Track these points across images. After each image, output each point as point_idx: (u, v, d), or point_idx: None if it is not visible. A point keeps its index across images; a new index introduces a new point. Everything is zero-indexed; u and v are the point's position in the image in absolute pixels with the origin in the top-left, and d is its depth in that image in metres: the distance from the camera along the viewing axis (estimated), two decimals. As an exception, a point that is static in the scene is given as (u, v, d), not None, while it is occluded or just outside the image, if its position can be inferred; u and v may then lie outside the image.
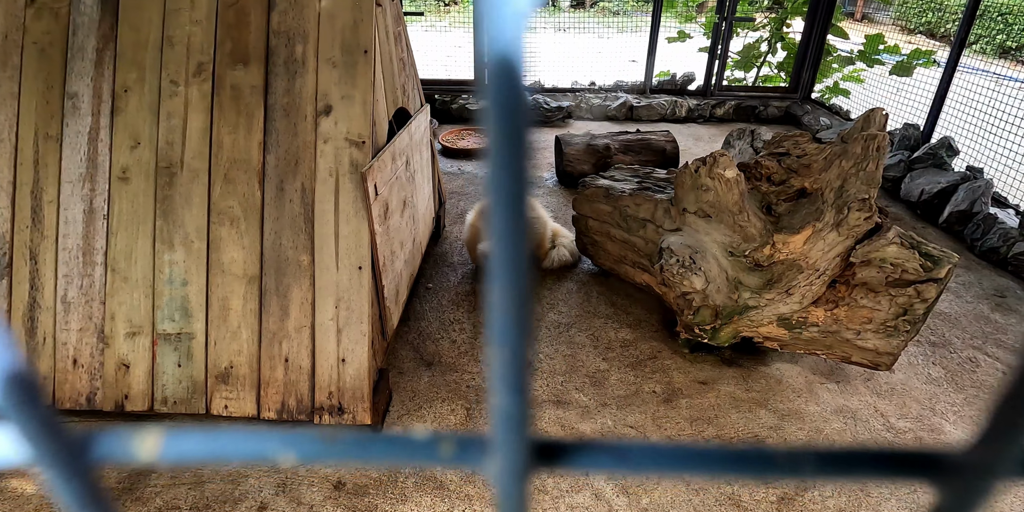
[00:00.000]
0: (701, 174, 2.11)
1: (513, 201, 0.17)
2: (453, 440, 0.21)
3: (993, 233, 3.12)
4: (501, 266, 0.18)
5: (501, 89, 0.16)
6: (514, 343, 0.19)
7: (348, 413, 1.84)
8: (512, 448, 0.20)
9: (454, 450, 0.21)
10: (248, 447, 0.21)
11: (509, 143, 0.16)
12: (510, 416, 0.20)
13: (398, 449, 0.21)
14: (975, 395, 2.18)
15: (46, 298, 1.88)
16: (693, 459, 0.20)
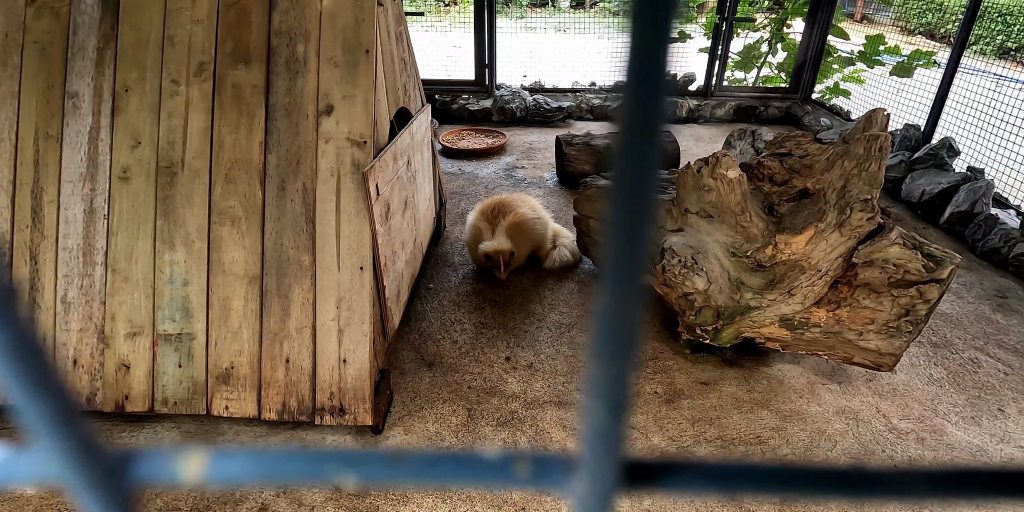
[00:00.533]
0: (703, 174, 2.11)
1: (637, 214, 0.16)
2: (529, 460, 0.19)
3: (994, 234, 3.12)
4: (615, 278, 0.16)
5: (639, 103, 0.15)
6: (619, 358, 0.17)
7: (349, 414, 1.84)
8: (603, 468, 0.18)
9: (531, 470, 0.19)
10: (303, 467, 0.19)
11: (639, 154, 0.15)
12: (605, 435, 0.18)
13: (469, 469, 0.19)
14: (977, 396, 2.17)
15: (46, 298, 1.88)
16: (791, 479, 0.19)
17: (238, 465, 0.19)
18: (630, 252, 0.17)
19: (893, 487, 0.18)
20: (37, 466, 0.18)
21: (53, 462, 0.18)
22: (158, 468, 0.19)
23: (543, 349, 2.39)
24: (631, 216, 0.17)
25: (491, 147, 4.65)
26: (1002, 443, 1.96)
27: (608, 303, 0.17)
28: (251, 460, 0.19)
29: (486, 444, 1.92)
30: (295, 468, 0.19)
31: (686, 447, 1.92)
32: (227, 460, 0.19)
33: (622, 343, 0.17)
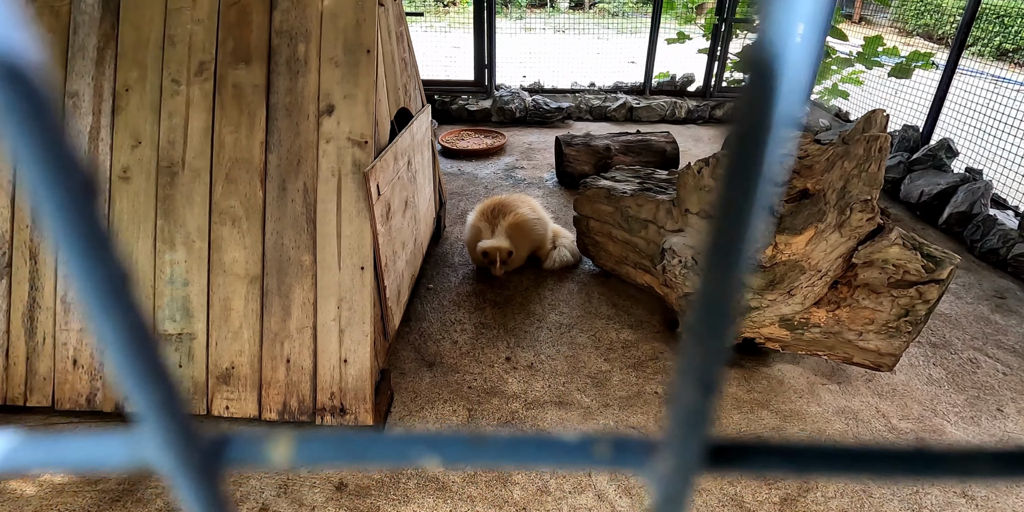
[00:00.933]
0: (704, 175, 2.11)
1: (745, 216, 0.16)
2: (609, 441, 0.19)
3: (993, 234, 3.13)
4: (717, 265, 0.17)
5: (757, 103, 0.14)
6: (713, 339, 0.17)
7: (350, 414, 1.83)
8: (689, 448, 0.19)
9: (610, 451, 0.19)
10: (386, 450, 0.19)
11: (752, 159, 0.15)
12: (694, 414, 0.18)
13: (549, 451, 0.19)
14: (976, 396, 2.18)
15: (46, 298, 1.87)
16: (861, 460, 0.19)
17: (323, 449, 0.19)
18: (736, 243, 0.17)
19: (959, 466, 0.18)
20: (135, 449, 0.19)
21: (152, 445, 0.19)
22: (249, 452, 0.20)
23: (543, 349, 2.39)
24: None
25: (490, 147, 4.66)
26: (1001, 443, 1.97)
27: (707, 285, 0.17)
28: (335, 444, 0.19)
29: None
30: (378, 452, 0.19)
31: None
32: (312, 445, 0.20)
33: (717, 325, 0.17)
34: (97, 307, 0.17)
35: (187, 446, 0.19)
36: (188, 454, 0.19)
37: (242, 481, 1.77)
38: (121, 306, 0.17)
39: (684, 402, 0.18)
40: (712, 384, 0.18)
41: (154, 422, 0.19)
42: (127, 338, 0.17)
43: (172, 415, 0.19)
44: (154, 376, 0.18)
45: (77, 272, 0.16)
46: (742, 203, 0.16)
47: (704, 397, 0.18)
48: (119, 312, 0.17)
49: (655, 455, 0.19)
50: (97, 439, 0.19)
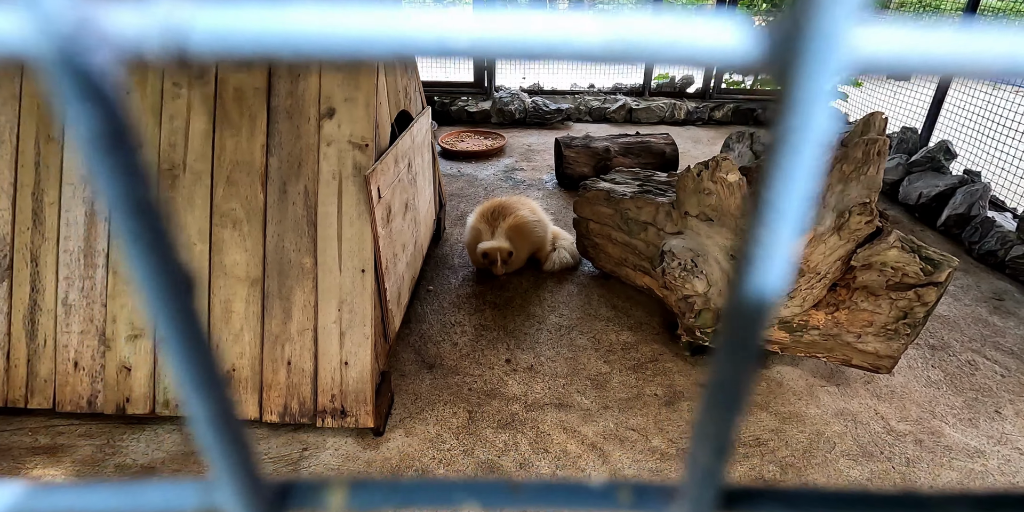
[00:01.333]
0: (703, 178, 2.12)
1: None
2: (630, 487, 0.21)
3: (991, 236, 3.14)
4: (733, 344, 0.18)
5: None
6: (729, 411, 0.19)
7: (351, 416, 1.84)
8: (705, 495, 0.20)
9: (632, 497, 0.21)
10: (433, 495, 0.21)
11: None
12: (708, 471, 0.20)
13: (577, 496, 0.21)
14: (974, 398, 2.19)
15: (47, 300, 1.88)
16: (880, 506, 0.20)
17: (375, 495, 0.21)
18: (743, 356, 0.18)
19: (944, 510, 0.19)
20: (207, 495, 0.20)
21: (225, 492, 0.20)
22: (309, 498, 0.21)
23: (543, 351, 2.40)
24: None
25: (490, 149, 4.66)
26: (999, 445, 1.98)
27: (724, 363, 0.18)
28: (386, 490, 0.20)
29: (487, 446, 1.92)
30: (426, 496, 0.20)
31: (686, 449, 1.92)
32: (365, 490, 0.21)
33: (733, 399, 0.18)
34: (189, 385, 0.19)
35: (256, 494, 0.21)
36: (257, 501, 0.21)
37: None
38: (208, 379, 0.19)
39: (700, 461, 0.20)
40: (725, 448, 0.19)
41: (227, 472, 0.20)
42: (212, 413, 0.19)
43: (244, 466, 0.20)
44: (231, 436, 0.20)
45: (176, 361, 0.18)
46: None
47: (719, 458, 0.20)
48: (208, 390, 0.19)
49: (674, 500, 0.21)
50: (171, 486, 0.20)
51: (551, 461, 1.87)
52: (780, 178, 0.15)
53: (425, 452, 1.89)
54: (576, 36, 0.14)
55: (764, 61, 0.14)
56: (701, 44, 0.14)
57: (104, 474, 1.77)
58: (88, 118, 0.15)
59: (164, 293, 0.17)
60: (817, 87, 0.14)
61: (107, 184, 0.16)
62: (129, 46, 0.14)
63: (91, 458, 1.82)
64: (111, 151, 0.15)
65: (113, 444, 1.88)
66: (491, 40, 0.14)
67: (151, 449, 1.86)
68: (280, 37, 0.15)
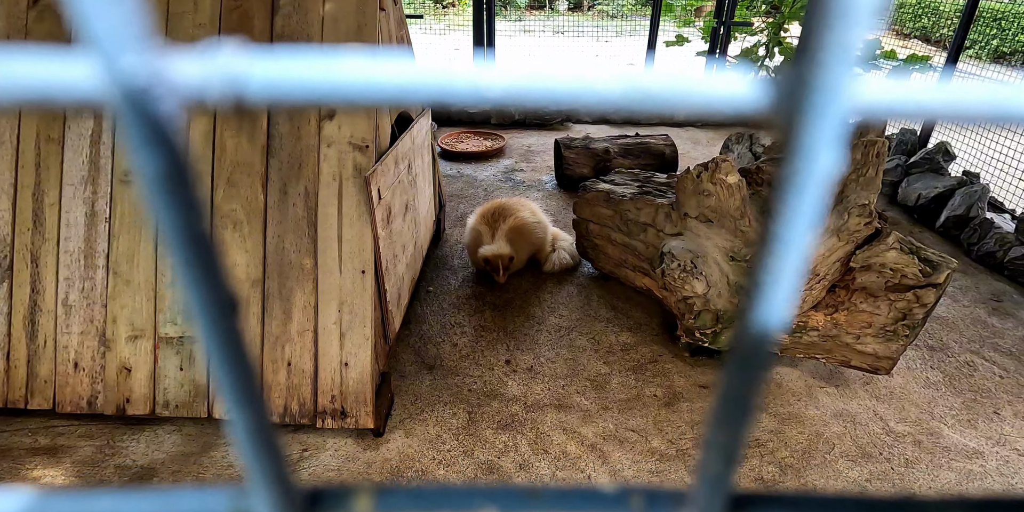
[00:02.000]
0: (703, 179, 2.12)
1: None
2: (642, 493, 0.21)
3: (989, 238, 3.15)
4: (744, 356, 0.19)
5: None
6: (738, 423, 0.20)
7: (351, 417, 1.84)
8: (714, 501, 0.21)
9: (643, 503, 0.22)
10: (456, 501, 0.22)
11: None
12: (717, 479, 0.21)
13: (591, 502, 0.22)
14: (973, 399, 2.19)
15: (47, 301, 1.88)
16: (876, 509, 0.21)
17: (400, 501, 0.21)
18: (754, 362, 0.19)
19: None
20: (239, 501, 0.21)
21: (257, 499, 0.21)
22: (338, 505, 0.23)
23: (543, 352, 2.40)
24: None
25: (490, 150, 4.67)
26: (998, 446, 1.98)
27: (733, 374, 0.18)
28: (411, 497, 0.21)
29: (487, 447, 1.92)
30: (448, 502, 0.21)
31: (685, 450, 1.93)
32: (391, 497, 0.22)
33: (742, 411, 0.19)
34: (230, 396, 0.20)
35: (288, 499, 0.22)
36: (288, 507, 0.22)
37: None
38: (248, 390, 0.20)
39: (710, 469, 0.21)
40: (734, 455, 0.20)
41: (261, 478, 0.21)
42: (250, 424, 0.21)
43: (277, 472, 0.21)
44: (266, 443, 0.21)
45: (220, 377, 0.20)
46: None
47: (727, 467, 0.21)
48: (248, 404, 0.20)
49: (683, 506, 0.22)
50: (204, 492, 0.21)
51: (551, 462, 1.87)
52: (786, 214, 0.17)
53: (425, 453, 1.89)
54: (599, 87, 0.16)
55: (771, 111, 0.16)
56: (713, 95, 0.16)
57: (104, 475, 1.77)
58: (154, 160, 0.16)
59: (211, 314, 0.19)
60: (819, 134, 0.15)
61: (167, 219, 0.17)
62: (192, 94, 0.16)
63: (91, 459, 1.82)
64: (173, 190, 0.17)
65: (113, 445, 1.88)
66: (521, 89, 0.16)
67: (151, 450, 1.86)
68: (330, 85, 0.16)
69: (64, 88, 0.16)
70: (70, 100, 0.16)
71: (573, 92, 0.16)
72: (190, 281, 0.18)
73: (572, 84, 0.16)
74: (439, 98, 0.16)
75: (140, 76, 0.15)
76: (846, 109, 0.15)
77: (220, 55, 0.16)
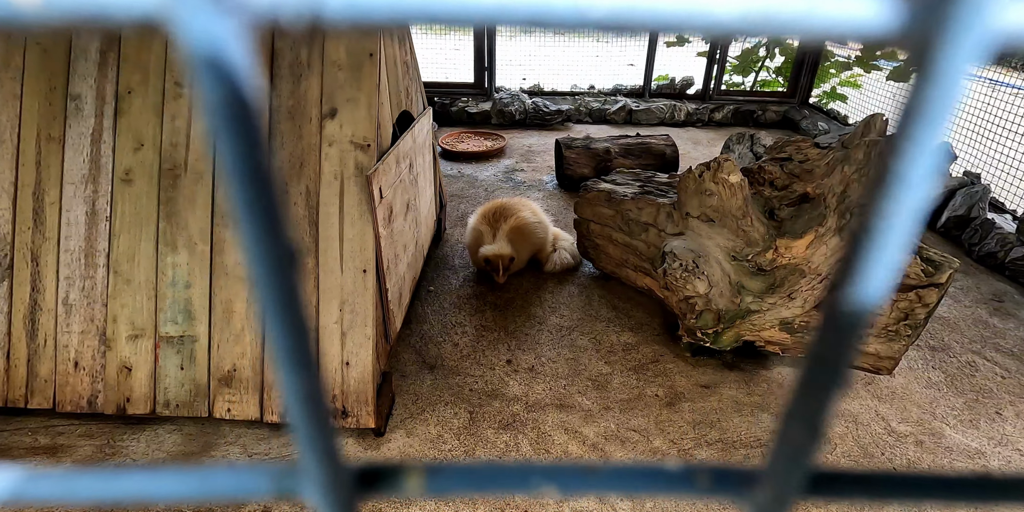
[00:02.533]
0: (705, 179, 2.12)
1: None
2: (709, 472, 0.20)
3: (991, 238, 3.14)
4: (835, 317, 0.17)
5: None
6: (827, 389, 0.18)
7: (352, 416, 1.84)
8: (791, 479, 0.20)
9: (711, 481, 0.21)
10: (510, 480, 0.21)
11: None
12: (799, 451, 0.19)
13: (655, 480, 0.21)
14: (975, 399, 2.19)
15: (47, 300, 1.87)
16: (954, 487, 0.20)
17: (451, 479, 0.21)
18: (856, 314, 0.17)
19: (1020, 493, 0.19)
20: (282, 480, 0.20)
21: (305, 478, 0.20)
22: (388, 483, 0.21)
23: (544, 352, 2.39)
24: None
25: (490, 150, 4.66)
26: (1000, 446, 1.98)
27: (825, 340, 0.17)
28: (462, 474, 0.20)
29: (488, 447, 1.92)
30: (501, 481, 0.20)
31: (687, 450, 1.92)
32: (442, 475, 0.21)
33: (832, 376, 0.18)
34: (283, 361, 0.19)
35: (337, 479, 0.21)
36: (337, 487, 0.21)
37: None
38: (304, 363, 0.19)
39: (791, 440, 0.19)
40: (820, 427, 0.19)
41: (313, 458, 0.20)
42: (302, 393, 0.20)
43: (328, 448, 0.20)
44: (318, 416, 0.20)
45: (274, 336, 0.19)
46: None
47: (812, 437, 0.19)
48: (301, 370, 0.19)
49: (755, 485, 0.20)
50: (244, 470, 0.20)
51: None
52: (909, 149, 0.15)
53: (426, 453, 1.88)
54: (715, 6, 0.14)
55: (903, 33, 0.14)
56: (839, 15, 0.14)
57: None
58: (219, 85, 0.15)
59: (270, 265, 0.17)
60: (959, 60, 0.14)
61: (229, 152, 0.16)
62: (263, 10, 0.14)
63: (91, 458, 1.82)
64: (237, 120, 0.15)
65: (113, 444, 1.87)
66: (628, 9, 0.14)
67: (151, 449, 1.86)
68: (417, 2, 0.14)
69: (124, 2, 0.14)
70: (126, 17, 0.14)
71: (685, 13, 0.14)
72: (249, 224, 0.16)
73: (684, 3, 0.14)
74: (537, 18, 0.14)
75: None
76: (991, 32, 0.14)
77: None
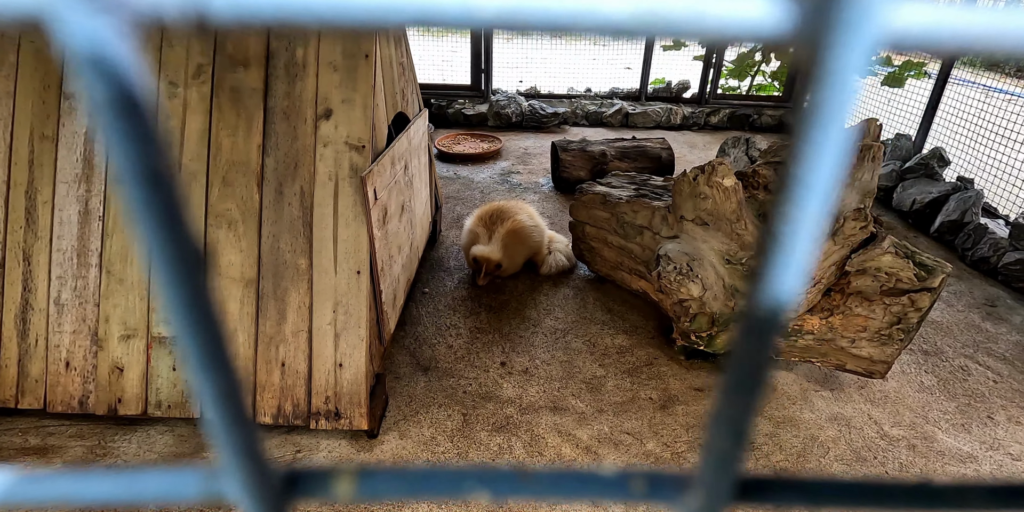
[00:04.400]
0: (700, 182, 2.13)
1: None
2: (643, 477, 0.20)
3: (983, 243, 3.16)
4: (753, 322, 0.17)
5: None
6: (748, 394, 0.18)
7: (345, 418, 1.83)
8: (720, 484, 0.20)
9: (646, 486, 0.20)
10: (442, 484, 0.20)
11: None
12: (725, 456, 0.19)
13: (589, 486, 0.20)
14: (967, 404, 2.20)
15: (39, 299, 1.86)
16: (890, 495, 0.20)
17: (383, 483, 0.20)
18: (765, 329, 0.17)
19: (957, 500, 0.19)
20: (211, 483, 0.20)
21: (230, 481, 0.19)
22: (317, 487, 0.21)
23: (538, 354, 2.39)
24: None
25: (487, 152, 4.67)
26: (992, 450, 1.98)
27: (743, 344, 0.17)
28: (394, 478, 0.20)
29: (482, 449, 1.91)
30: (434, 485, 0.20)
31: (680, 453, 1.92)
32: (374, 479, 0.21)
33: (751, 381, 0.18)
34: (196, 363, 0.18)
35: (263, 482, 0.20)
36: (263, 490, 0.20)
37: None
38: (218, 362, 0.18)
39: (717, 446, 0.19)
40: (743, 433, 0.19)
41: (234, 457, 0.20)
42: (217, 393, 0.19)
43: (250, 452, 0.20)
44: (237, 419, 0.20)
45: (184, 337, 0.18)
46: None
47: (736, 443, 0.19)
48: (215, 370, 0.18)
49: (688, 489, 0.20)
50: (171, 473, 0.20)
51: (546, 465, 1.86)
52: (808, 153, 0.15)
53: (419, 455, 1.88)
54: (603, 6, 0.14)
55: (794, 33, 0.14)
56: (730, 16, 0.14)
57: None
58: (101, 83, 0.14)
59: (174, 265, 0.17)
60: (849, 60, 0.14)
61: (119, 151, 0.15)
62: (146, 9, 0.14)
63: (82, 459, 1.80)
64: (123, 117, 0.15)
65: (104, 445, 1.86)
66: (517, 9, 0.14)
67: (143, 450, 1.85)
68: (301, 2, 0.14)
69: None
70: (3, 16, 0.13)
71: (574, 13, 0.14)
72: (147, 226, 0.16)
73: (576, 5, 0.14)
74: (424, 17, 0.14)
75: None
76: (880, 33, 0.14)
77: None
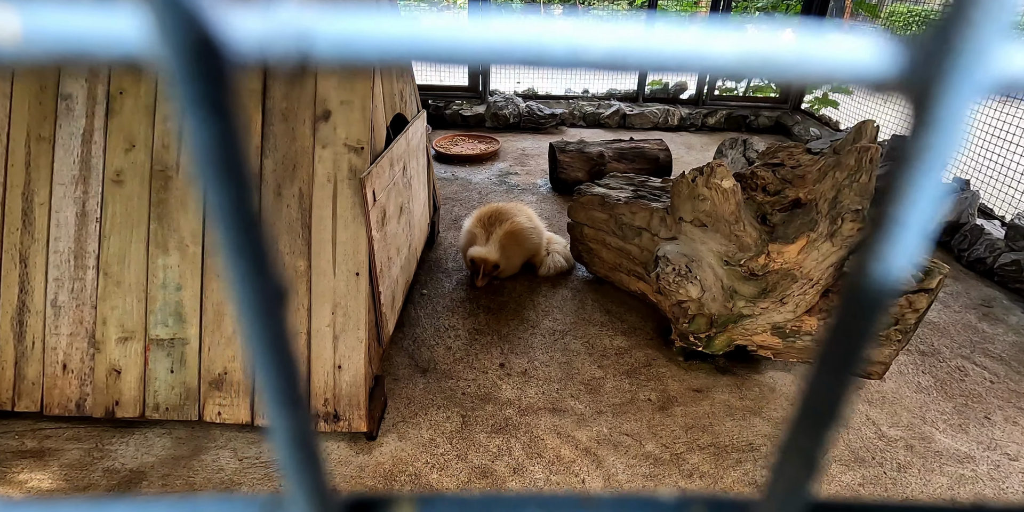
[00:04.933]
0: (698, 183, 2.13)
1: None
2: (703, 502, 0.20)
3: (979, 244, 3.17)
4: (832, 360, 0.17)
5: None
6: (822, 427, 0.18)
7: (344, 420, 1.83)
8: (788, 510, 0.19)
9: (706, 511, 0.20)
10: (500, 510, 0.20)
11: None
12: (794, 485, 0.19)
13: (650, 511, 0.20)
14: (964, 404, 2.21)
15: (36, 302, 1.85)
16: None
17: (443, 509, 0.20)
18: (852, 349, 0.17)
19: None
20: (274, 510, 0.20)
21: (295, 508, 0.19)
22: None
23: (537, 356, 2.39)
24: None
25: (484, 153, 4.66)
26: (988, 450, 1.99)
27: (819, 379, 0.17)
28: (455, 506, 0.20)
29: (481, 451, 1.91)
30: (495, 511, 0.20)
31: (679, 454, 1.92)
32: (433, 506, 0.21)
33: (829, 410, 0.18)
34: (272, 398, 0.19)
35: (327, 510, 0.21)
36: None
37: (233, 488, 1.75)
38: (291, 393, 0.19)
39: (786, 475, 0.19)
40: (816, 460, 0.19)
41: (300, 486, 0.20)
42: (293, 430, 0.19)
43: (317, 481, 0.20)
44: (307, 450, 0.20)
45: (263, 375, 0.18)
46: None
47: (808, 471, 0.19)
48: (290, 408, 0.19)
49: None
50: (234, 500, 0.20)
51: (545, 466, 1.86)
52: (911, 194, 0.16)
53: (418, 457, 1.88)
54: (712, 49, 0.14)
55: (902, 78, 0.14)
56: (837, 60, 0.14)
57: (92, 479, 1.74)
58: (207, 127, 0.15)
59: (257, 305, 0.17)
60: (959, 106, 0.14)
61: (215, 196, 0.15)
62: (252, 51, 0.14)
63: (79, 462, 1.79)
64: (224, 162, 0.15)
65: (102, 448, 1.85)
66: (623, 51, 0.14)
67: (140, 453, 1.84)
68: (404, 44, 0.15)
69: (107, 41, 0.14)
70: (108, 55, 0.14)
71: (683, 55, 0.14)
72: (237, 267, 0.16)
73: (684, 48, 0.14)
74: (534, 58, 0.14)
75: (196, 29, 0.13)
76: (993, 77, 0.14)
77: (284, 9, 0.14)
